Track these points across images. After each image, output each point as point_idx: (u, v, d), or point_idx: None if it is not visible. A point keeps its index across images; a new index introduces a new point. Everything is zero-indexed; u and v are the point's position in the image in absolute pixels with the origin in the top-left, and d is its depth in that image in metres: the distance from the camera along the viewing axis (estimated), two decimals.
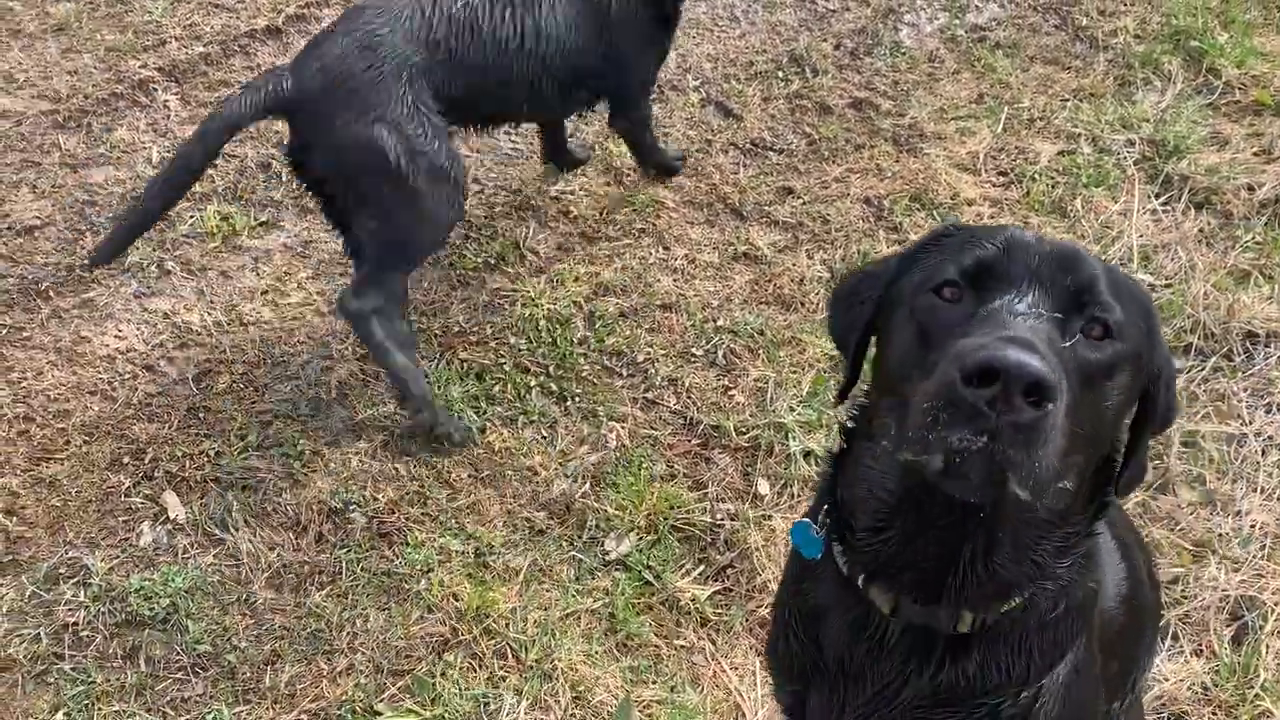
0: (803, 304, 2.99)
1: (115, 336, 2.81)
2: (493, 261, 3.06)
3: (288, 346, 2.81)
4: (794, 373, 2.81)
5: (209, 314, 2.87)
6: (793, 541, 1.43)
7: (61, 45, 3.65)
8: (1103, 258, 2.97)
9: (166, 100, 3.50)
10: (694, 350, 2.88)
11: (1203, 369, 2.74)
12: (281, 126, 3.41)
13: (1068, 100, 3.60)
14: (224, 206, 3.16)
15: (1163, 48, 3.81)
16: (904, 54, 3.84)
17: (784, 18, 4.03)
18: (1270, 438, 2.60)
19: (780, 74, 3.76)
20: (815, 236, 3.19)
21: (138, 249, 2.99)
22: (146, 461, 2.54)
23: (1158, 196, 3.26)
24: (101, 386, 2.69)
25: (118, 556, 2.37)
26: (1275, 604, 2.28)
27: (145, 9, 3.84)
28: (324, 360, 2.78)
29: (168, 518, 2.45)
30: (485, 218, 3.21)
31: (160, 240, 3.04)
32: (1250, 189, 3.24)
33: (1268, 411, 2.65)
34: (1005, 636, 1.29)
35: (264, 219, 3.15)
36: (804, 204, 3.29)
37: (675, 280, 3.06)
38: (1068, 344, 1.11)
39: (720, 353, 2.86)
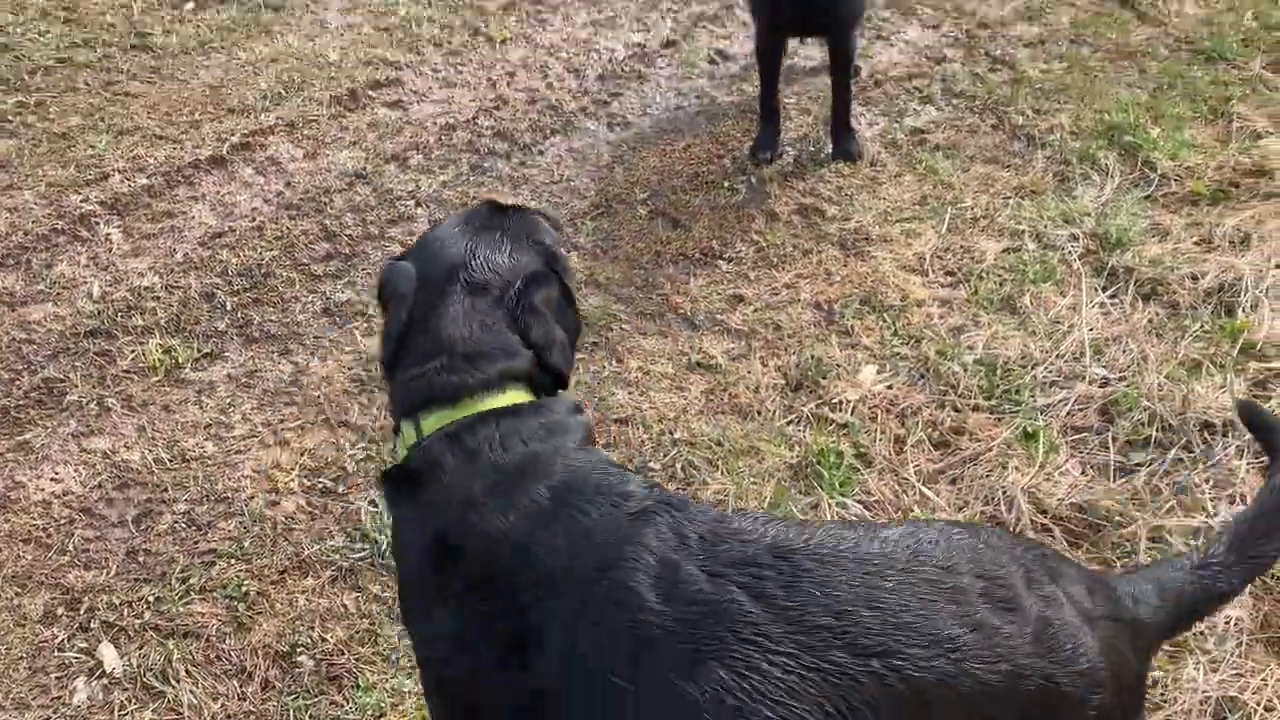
0: (759, 412, 2.95)
1: (52, 479, 2.71)
2: None
3: (231, 481, 2.72)
4: (754, 483, 2.75)
5: (150, 451, 2.78)
6: None
7: (1, 182, 3.62)
8: (1055, 353, 2.99)
9: (109, 234, 3.46)
10: (652, 464, 2.83)
11: (1164, 462, 2.72)
12: (226, 255, 3.38)
13: (1009, 198, 3.65)
14: (166, 339, 3.10)
15: (1098, 143, 3.90)
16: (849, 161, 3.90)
17: (727, 128, 4.09)
18: None
19: (726, 183, 3.80)
20: (768, 343, 3.18)
21: (76, 386, 2.91)
22: (82, 612, 2.42)
23: (1105, 289, 3.29)
24: (36, 533, 2.58)
25: (49, 718, 2.23)
26: (1257, 703, 2.21)
27: (89, 143, 3.83)
28: (269, 494, 2.69)
29: (104, 672, 2.32)
30: None
31: (100, 377, 2.97)
32: (1194, 278, 3.27)
33: (1232, 503, 2.61)
34: None
35: (208, 350, 3.09)
36: (755, 311, 3.28)
37: (630, 393, 3.02)
38: None
39: (679, 465, 2.80)
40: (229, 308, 3.23)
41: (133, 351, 3.05)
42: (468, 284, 1.62)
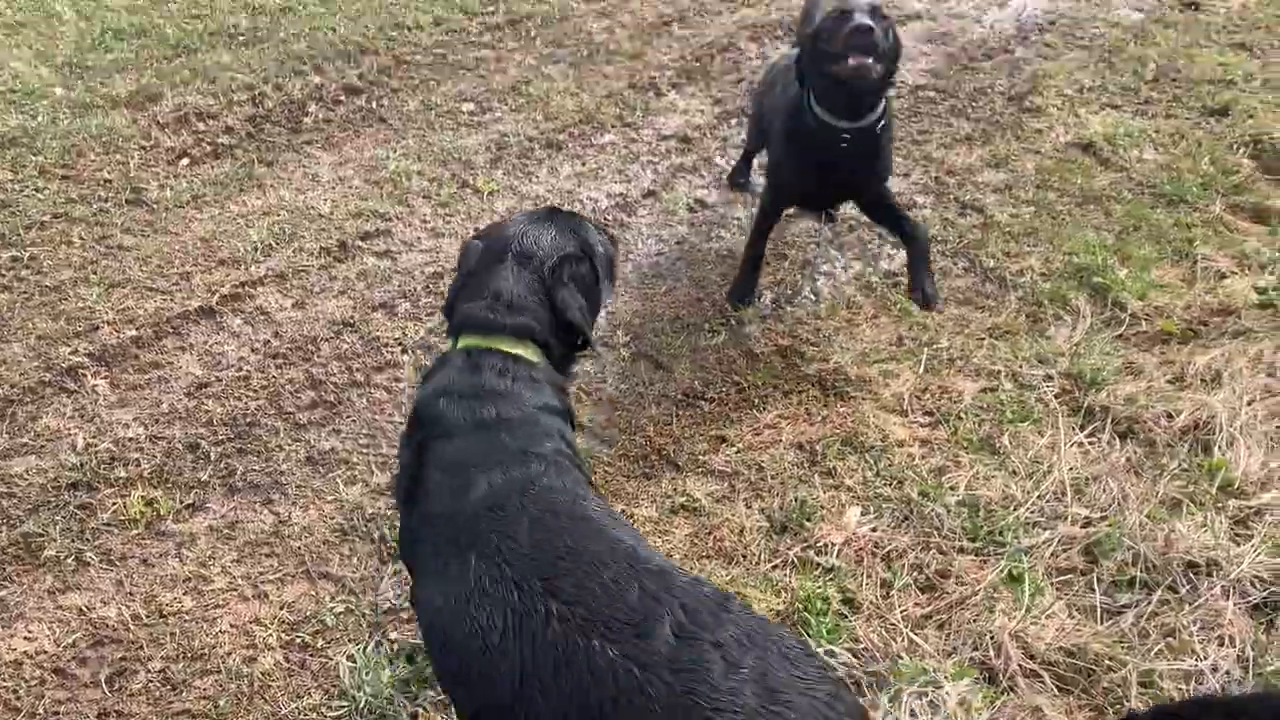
0: (745, 556, 2.94)
1: (25, 638, 2.66)
2: None
3: (209, 637, 2.67)
4: None
5: (127, 607, 2.74)
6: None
7: None
8: (1036, 493, 3.00)
9: (95, 385, 3.49)
10: None
11: (1149, 603, 2.71)
12: (212, 405, 3.40)
13: (984, 339, 3.73)
14: (149, 491, 3.09)
15: (1068, 284, 4.00)
16: (824, 302, 3.99)
17: (706, 272, 4.19)
18: (1228, 672, 2.54)
19: (707, 326, 3.87)
20: (752, 485, 3.18)
21: (55, 540, 2.89)
22: None
23: (1082, 428, 3.33)
24: (6, 696, 2.51)
25: None
26: None
27: (80, 296, 3.89)
28: (246, 650, 2.64)
29: None
30: None
31: (80, 531, 2.94)
32: (1169, 416, 3.32)
33: (1220, 644, 2.60)
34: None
35: (190, 501, 3.08)
36: (738, 452, 3.30)
37: None
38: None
39: None
40: (213, 458, 3.23)
41: (114, 504, 3.03)
42: (516, 255, 2.22)
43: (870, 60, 3.17)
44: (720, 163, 5.04)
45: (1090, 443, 3.28)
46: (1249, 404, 3.33)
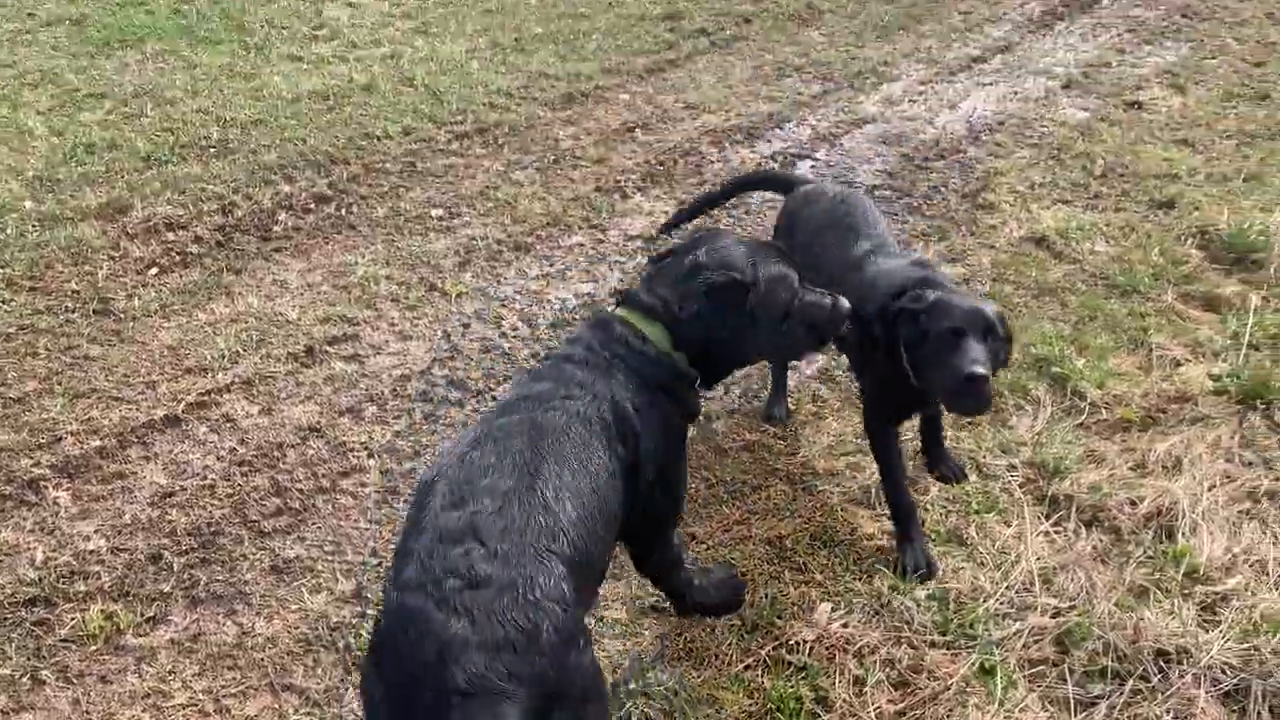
0: (716, 657, 2.91)
1: None
2: None
3: None
4: None
5: None
6: None
7: None
8: (1005, 584, 3.00)
9: (57, 497, 3.45)
10: None
11: (1122, 693, 2.70)
12: (175, 515, 3.36)
13: (947, 431, 3.76)
14: (109, 604, 3.03)
15: (1028, 375, 4.07)
16: (790, 396, 4.03)
17: None
18: None
19: None
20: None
21: (10, 659, 2.83)
22: None
23: (1048, 517, 3.35)
24: None
25: None
26: None
27: (44, 407, 3.87)
28: None
29: None
30: (384, 591, 3.12)
31: (36, 648, 2.88)
32: (1133, 503, 3.35)
33: None
34: None
35: (151, 614, 3.03)
36: (708, 549, 3.29)
37: None
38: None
39: (634, 718, 2.73)
40: (175, 568, 3.18)
41: (73, 619, 2.97)
42: (694, 263, 2.55)
43: (980, 405, 2.90)
44: None
45: (1056, 532, 3.30)
46: (1210, 489, 3.37)
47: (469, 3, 9.55)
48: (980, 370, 2.79)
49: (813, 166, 6.28)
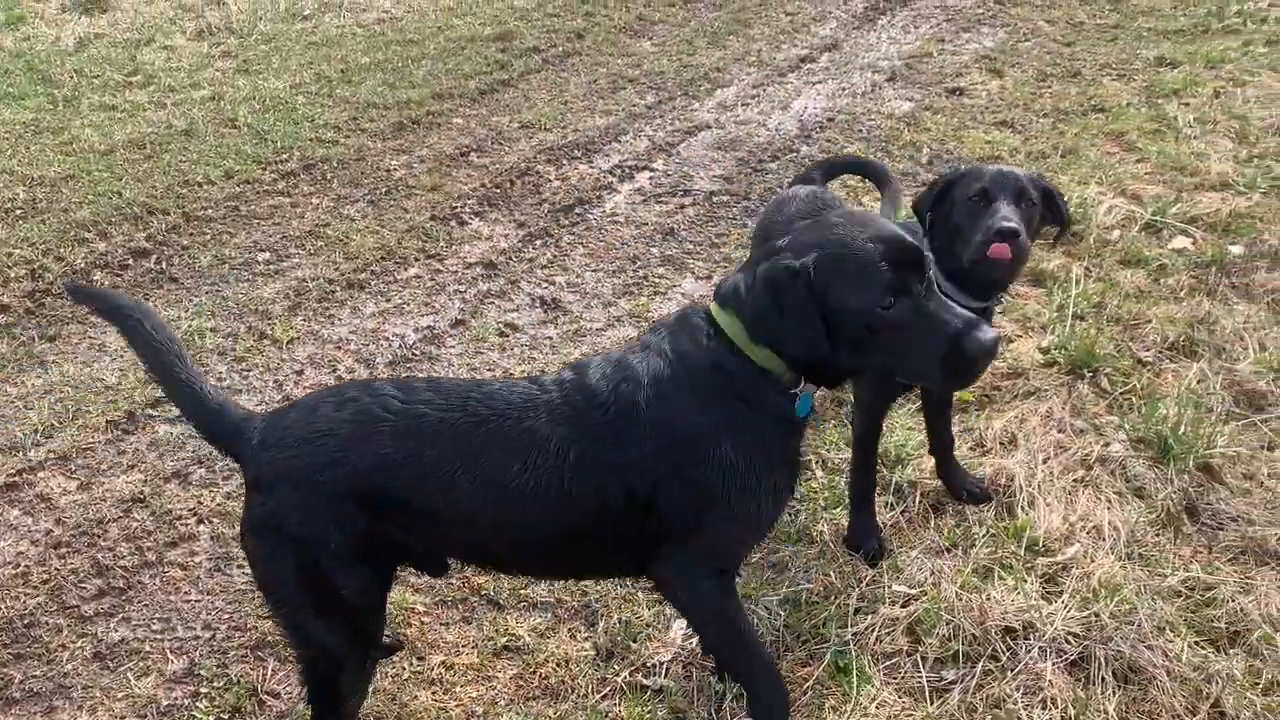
0: (572, 690, 2.82)
1: None
2: (226, 717, 2.77)
3: None
4: None
5: None
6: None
7: None
8: (857, 577, 2.99)
9: None
10: None
11: (974, 675, 2.71)
12: None
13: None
14: None
15: None
16: None
17: None
18: None
19: None
20: (576, 612, 3.09)
21: None
22: None
23: (894, 506, 3.38)
24: None
25: None
26: None
27: None
28: None
29: None
30: (218, 665, 2.94)
31: None
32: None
33: (1044, 708, 2.61)
34: None
35: None
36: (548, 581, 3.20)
37: (434, 693, 2.84)
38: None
39: None
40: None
41: None
42: (776, 248, 2.22)
43: (1010, 258, 2.83)
44: (526, 287, 5.04)
45: (904, 520, 3.32)
46: (1044, 461, 3.45)
47: (292, 37, 9.28)
48: (1010, 225, 2.79)
49: (651, 177, 6.27)
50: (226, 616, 3.13)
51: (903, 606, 2.95)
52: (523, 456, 2.20)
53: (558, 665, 2.90)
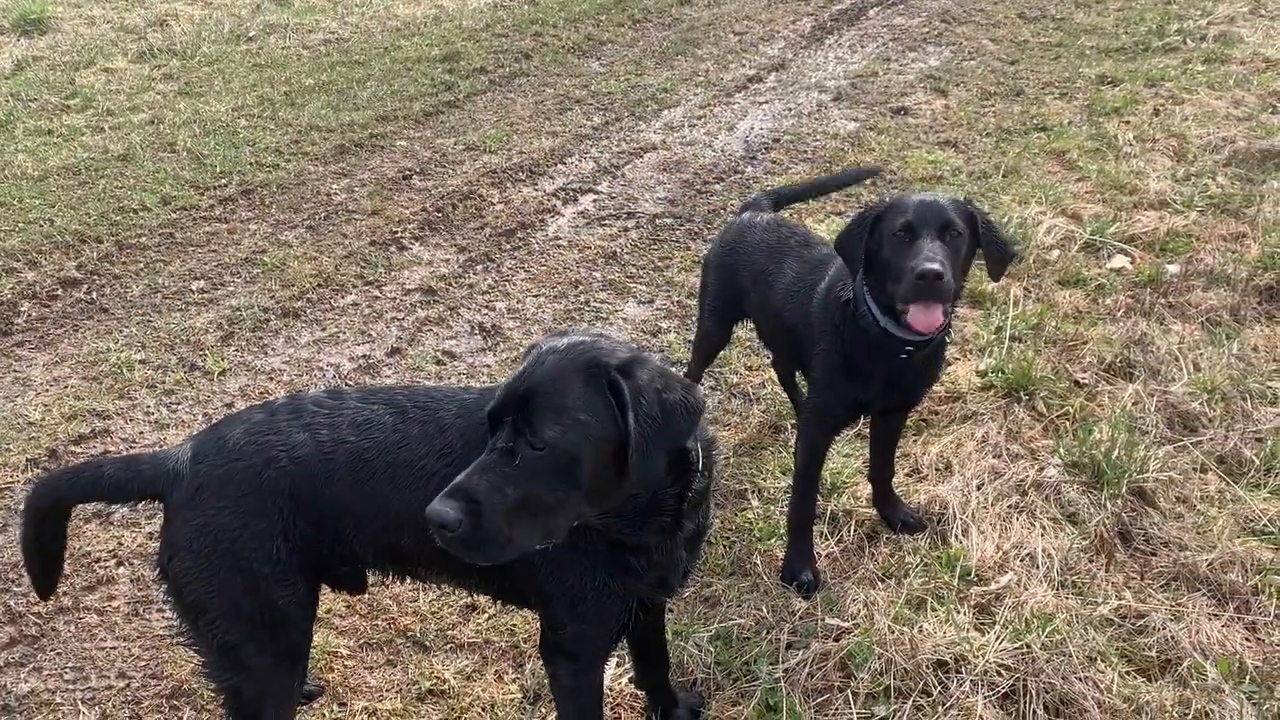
0: None
1: None
2: None
3: None
4: None
5: None
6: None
7: None
8: (789, 610, 2.95)
9: None
10: None
11: (904, 712, 2.67)
12: None
13: (731, 458, 3.73)
14: None
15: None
16: None
17: None
18: None
19: None
20: (503, 653, 3.01)
21: None
22: None
23: (830, 535, 3.34)
24: None
25: None
26: None
27: None
28: None
29: None
30: (131, 716, 2.84)
31: None
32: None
33: None
34: None
35: None
36: (489, 618, 3.13)
37: None
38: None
39: None
40: None
41: None
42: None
43: (940, 309, 2.74)
44: (466, 313, 4.97)
45: (839, 549, 3.28)
46: (979, 488, 3.43)
47: (236, 59, 9.16)
48: (933, 267, 2.64)
49: (595, 200, 6.23)
50: (143, 664, 3.03)
51: (835, 640, 2.90)
52: (432, 444, 2.24)
53: (483, 710, 2.83)
